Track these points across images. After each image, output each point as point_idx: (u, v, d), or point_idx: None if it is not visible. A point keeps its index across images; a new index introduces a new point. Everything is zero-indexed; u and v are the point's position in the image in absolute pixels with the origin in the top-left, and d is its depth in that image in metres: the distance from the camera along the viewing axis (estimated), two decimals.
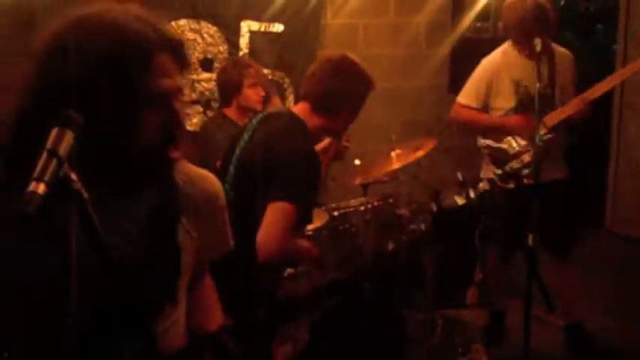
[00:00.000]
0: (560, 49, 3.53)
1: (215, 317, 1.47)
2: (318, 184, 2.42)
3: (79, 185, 0.97)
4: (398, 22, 4.92)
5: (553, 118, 3.29)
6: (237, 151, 2.47)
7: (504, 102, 3.46)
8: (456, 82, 4.92)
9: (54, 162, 0.94)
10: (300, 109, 2.48)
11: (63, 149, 0.96)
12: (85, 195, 0.98)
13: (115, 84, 1.12)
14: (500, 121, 3.47)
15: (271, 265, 2.28)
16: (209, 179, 1.39)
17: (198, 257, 1.34)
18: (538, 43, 2.98)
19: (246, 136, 2.48)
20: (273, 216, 2.21)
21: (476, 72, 3.57)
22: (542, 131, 3.23)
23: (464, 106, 3.59)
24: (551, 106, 3.34)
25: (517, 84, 3.41)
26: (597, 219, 5.68)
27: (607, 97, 5.35)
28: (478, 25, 4.67)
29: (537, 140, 2.88)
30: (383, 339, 3.26)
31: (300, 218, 2.27)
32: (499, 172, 3.45)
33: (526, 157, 3.31)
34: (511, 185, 3.38)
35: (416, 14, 4.92)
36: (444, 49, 4.95)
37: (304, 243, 2.51)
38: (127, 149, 1.16)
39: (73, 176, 0.97)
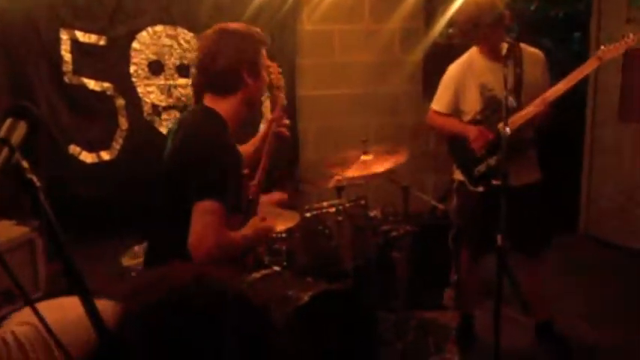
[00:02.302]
0: (530, 49, 3.48)
1: None
2: (238, 169, 2.35)
3: (30, 173, 1.00)
4: (372, 28, 4.97)
5: (517, 120, 3.28)
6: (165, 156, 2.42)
7: (471, 106, 3.47)
8: (430, 88, 4.98)
9: (5, 150, 0.98)
10: (208, 101, 2.40)
11: (15, 138, 0.99)
12: (37, 183, 1.01)
13: None
14: (462, 128, 3.49)
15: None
16: None
17: None
18: (504, 47, 2.98)
19: (169, 143, 2.43)
20: (200, 217, 2.12)
21: (444, 78, 3.61)
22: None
23: (435, 112, 3.64)
24: (515, 110, 3.29)
25: (483, 88, 3.42)
26: (571, 223, 5.75)
27: (580, 99, 5.45)
28: (450, 30, 4.72)
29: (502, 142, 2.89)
30: (355, 340, 3.28)
31: (228, 210, 2.18)
32: (467, 173, 3.50)
33: (492, 161, 3.36)
34: (481, 189, 3.43)
35: (389, 20, 4.96)
36: (418, 54, 5.00)
37: (248, 229, 2.35)
38: None
39: (25, 164, 1.00)
